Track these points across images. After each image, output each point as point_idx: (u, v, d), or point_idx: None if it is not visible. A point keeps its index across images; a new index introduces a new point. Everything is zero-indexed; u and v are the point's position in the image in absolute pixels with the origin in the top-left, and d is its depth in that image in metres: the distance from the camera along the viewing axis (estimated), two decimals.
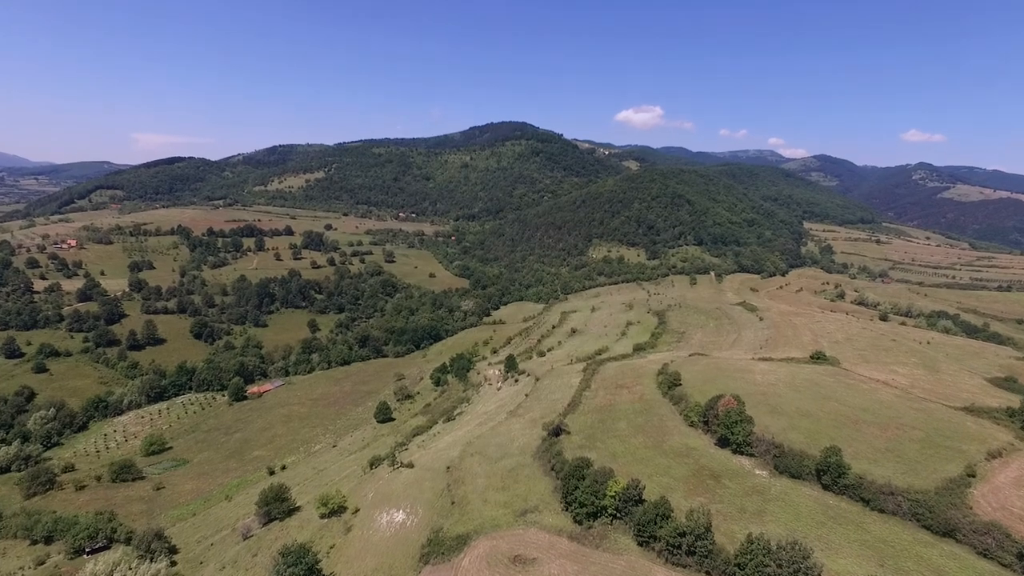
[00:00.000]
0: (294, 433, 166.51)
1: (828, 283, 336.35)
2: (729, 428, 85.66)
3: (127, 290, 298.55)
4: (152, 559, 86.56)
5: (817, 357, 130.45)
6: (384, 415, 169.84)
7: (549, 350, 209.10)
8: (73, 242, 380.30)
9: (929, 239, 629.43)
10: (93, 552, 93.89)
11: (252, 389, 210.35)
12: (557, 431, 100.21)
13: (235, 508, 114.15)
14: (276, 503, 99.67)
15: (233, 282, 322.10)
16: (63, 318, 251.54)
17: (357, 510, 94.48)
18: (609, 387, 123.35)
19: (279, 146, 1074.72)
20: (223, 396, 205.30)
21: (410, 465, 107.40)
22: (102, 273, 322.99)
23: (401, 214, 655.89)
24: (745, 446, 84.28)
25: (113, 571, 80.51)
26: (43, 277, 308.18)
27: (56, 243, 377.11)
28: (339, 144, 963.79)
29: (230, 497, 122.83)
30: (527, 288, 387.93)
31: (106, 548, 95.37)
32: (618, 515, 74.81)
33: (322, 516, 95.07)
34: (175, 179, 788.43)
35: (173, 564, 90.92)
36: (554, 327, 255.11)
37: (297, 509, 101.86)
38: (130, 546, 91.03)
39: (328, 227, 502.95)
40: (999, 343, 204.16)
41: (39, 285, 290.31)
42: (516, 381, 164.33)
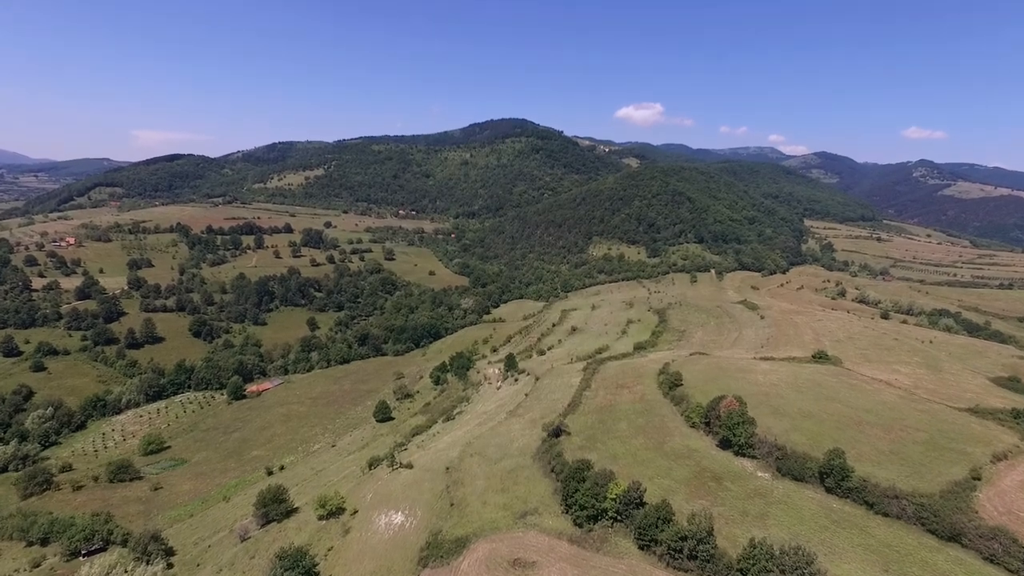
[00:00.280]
0: (293, 432, 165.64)
1: (829, 281, 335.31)
2: (731, 429, 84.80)
3: (126, 288, 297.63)
4: (148, 561, 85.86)
5: (819, 356, 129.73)
6: (383, 414, 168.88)
7: (549, 348, 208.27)
8: (72, 240, 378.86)
9: (930, 237, 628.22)
10: (89, 554, 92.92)
11: (251, 388, 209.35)
12: (557, 432, 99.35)
13: (233, 509, 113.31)
14: (274, 504, 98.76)
15: (232, 280, 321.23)
16: (61, 316, 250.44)
17: (356, 511, 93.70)
18: (610, 387, 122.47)
19: (279, 143, 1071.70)
20: (222, 395, 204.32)
21: (409, 466, 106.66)
22: (101, 271, 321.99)
23: (401, 211, 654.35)
24: (747, 448, 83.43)
25: (109, 574, 79.93)
26: (42, 275, 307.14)
27: (55, 241, 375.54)
28: (339, 141, 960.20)
29: (228, 498, 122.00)
30: (527, 286, 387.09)
31: (102, 550, 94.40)
32: (619, 518, 74.02)
33: (320, 518, 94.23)
34: (175, 176, 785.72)
35: (170, 566, 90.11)
36: (554, 325, 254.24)
37: (295, 510, 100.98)
38: (126, 548, 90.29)
39: (328, 225, 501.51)
40: (1001, 341, 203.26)
41: (38, 283, 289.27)
42: (516, 380, 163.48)
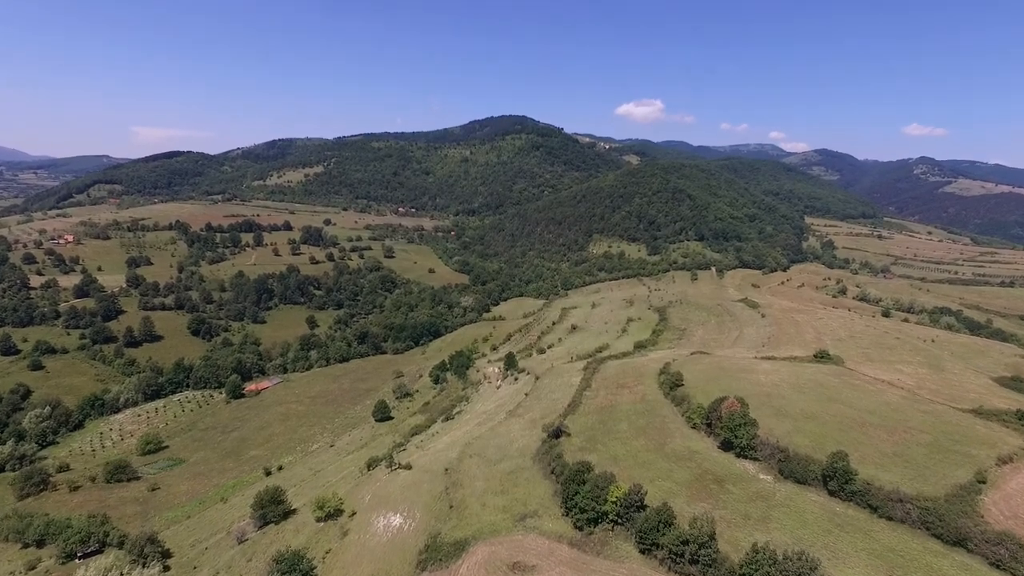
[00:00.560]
0: (291, 432, 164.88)
1: (830, 279, 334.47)
2: (733, 431, 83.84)
3: (124, 286, 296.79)
4: (145, 564, 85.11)
5: (821, 356, 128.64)
6: (382, 414, 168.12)
7: (549, 347, 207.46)
8: (70, 237, 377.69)
9: (931, 234, 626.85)
10: (85, 556, 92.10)
11: (250, 387, 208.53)
12: (557, 433, 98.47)
13: (230, 510, 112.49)
14: (272, 506, 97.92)
15: (231, 278, 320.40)
16: (59, 315, 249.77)
17: (354, 513, 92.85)
18: (610, 387, 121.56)
19: (278, 140, 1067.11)
20: (220, 394, 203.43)
21: (408, 467, 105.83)
22: (99, 269, 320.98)
23: (400, 209, 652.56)
24: (749, 450, 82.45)
25: None
26: (40, 273, 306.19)
27: (53, 239, 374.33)
28: (338, 138, 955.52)
29: (226, 499, 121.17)
30: (527, 284, 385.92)
31: (98, 552, 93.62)
32: (619, 521, 73.11)
33: (318, 519, 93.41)
34: (174, 173, 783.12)
35: (166, 569, 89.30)
36: (554, 323, 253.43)
37: (293, 512, 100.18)
38: (123, 550, 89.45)
39: (327, 222, 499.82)
40: (1002, 340, 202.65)
41: (36, 281, 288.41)
42: (516, 380, 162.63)
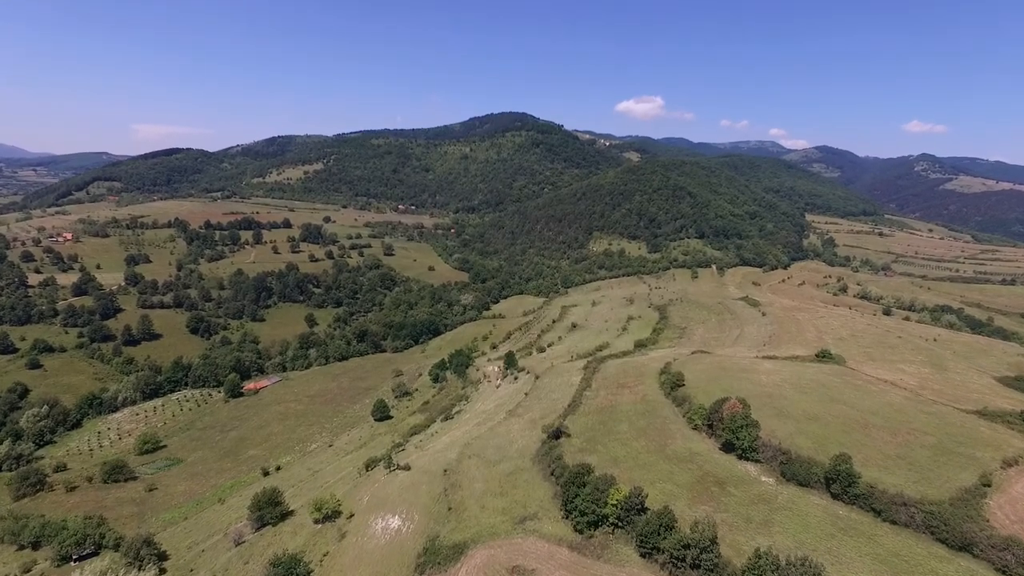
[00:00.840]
0: (290, 431, 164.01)
1: (830, 276, 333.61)
2: (734, 433, 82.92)
3: (123, 284, 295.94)
4: (141, 567, 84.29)
5: (823, 356, 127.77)
6: (382, 413, 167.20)
7: (549, 345, 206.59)
8: (69, 235, 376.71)
9: (932, 231, 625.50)
10: (80, 559, 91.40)
11: (248, 385, 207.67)
12: (557, 433, 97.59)
13: (228, 511, 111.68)
14: (269, 507, 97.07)
15: (230, 276, 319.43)
16: (58, 313, 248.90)
17: (352, 515, 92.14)
18: (610, 386, 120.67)
19: (278, 137, 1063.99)
20: (219, 392, 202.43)
21: (407, 467, 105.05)
22: (98, 267, 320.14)
23: (400, 206, 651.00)
24: (751, 452, 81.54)
25: None
26: (38, 271, 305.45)
27: (52, 236, 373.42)
28: (338, 135, 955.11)
29: (223, 499, 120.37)
30: (527, 281, 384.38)
31: (94, 555, 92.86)
32: (620, 524, 72.21)
33: (316, 521, 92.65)
34: (173, 171, 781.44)
35: (162, 572, 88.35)
36: (554, 322, 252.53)
37: (291, 513, 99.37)
38: (118, 553, 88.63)
39: (327, 219, 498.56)
40: (1004, 338, 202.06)
41: (34, 279, 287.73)
42: (515, 379, 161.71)
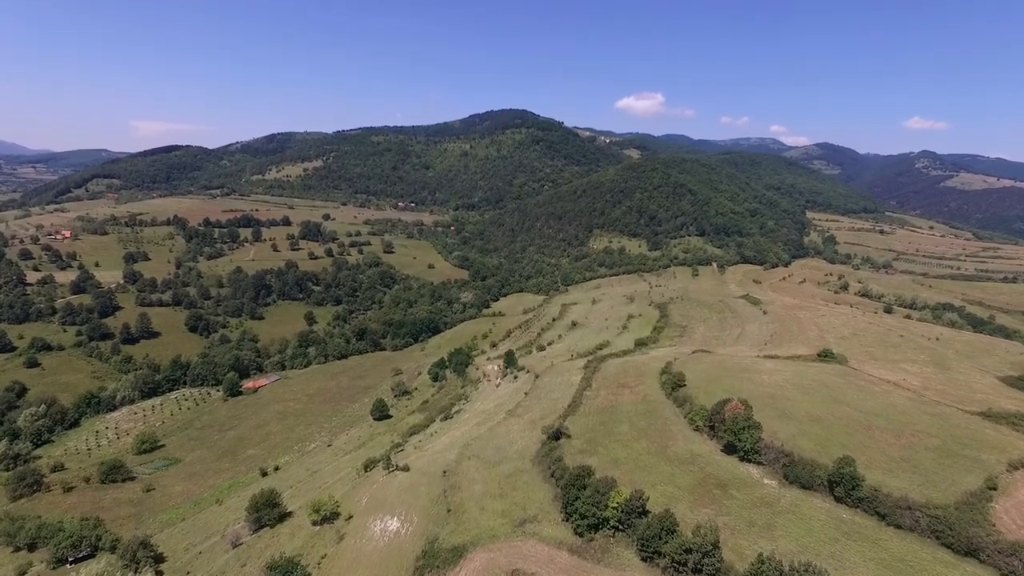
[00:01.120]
0: (289, 431, 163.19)
1: (831, 274, 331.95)
2: (736, 434, 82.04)
3: (121, 282, 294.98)
4: (137, 570, 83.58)
5: (824, 355, 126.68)
6: (381, 412, 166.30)
7: (549, 344, 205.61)
8: (68, 233, 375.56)
9: (933, 229, 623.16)
10: (77, 561, 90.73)
11: (247, 384, 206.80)
12: (557, 434, 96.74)
13: (226, 512, 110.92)
14: (267, 509, 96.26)
15: (229, 274, 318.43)
16: (56, 311, 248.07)
17: (350, 517, 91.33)
18: (611, 386, 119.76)
19: (277, 134, 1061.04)
20: (218, 391, 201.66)
21: (405, 468, 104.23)
22: (96, 265, 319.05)
23: (400, 203, 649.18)
24: (753, 454, 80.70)
25: None
26: (36, 269, 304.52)
27: (50, 234, 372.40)
28: (338, 132, 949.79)
29: (221, 500, 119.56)
30: (527, 279, 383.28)
31: (90, 557, 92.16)
32: (621, 527, 71.43)
33: (314, 523, 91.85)
34: (172, 168, 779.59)
35: (159, 574, 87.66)
36: (554, 320, 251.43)
37: (289, 515, 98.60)
38: (115, 555, 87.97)
39: (326, 217, 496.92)
40: (1006, 336, 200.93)
41: (32, 277, 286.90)
42: (515, 378, 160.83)
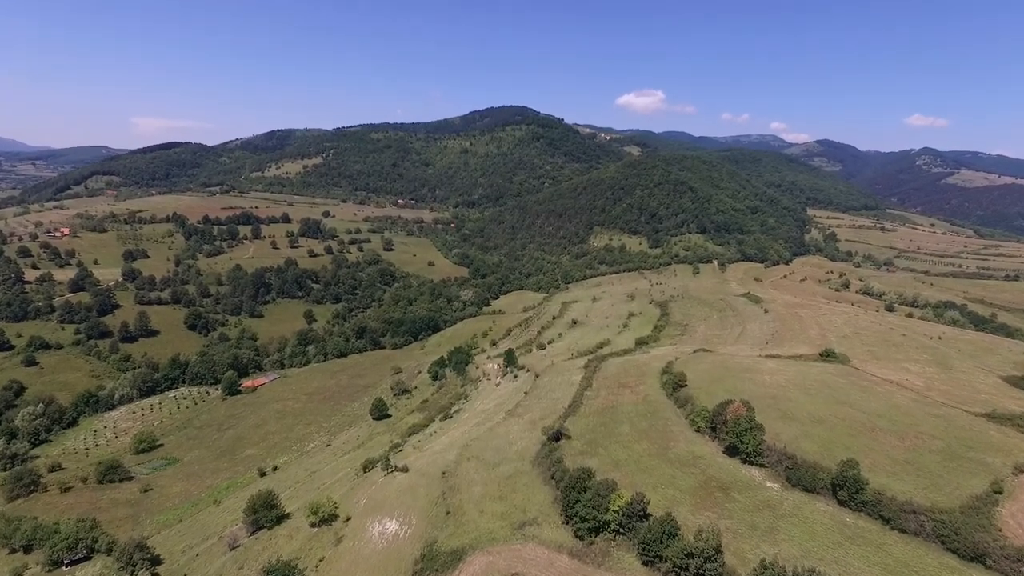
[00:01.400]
0: (288, 430, 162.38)
1: (832, 272, 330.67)
2: (738, 436, 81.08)
3: (120, 280, 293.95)
4: (133, 572, 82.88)
5: (827, 355, 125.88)
6: (380, 412, 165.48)
7: (549, 342, 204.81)
8: (66, 230, 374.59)
9: (934, 226, 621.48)
10: (72, 564, 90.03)
11: (246, 383, 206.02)
12: (557, 435, 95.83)
13: (223, 513, 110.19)
14: (265, 510, 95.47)
15: (228, 271, 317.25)
16: (54, 309, 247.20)
17: (349, 518, 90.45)
18: (611, 386, 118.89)
19: (277, 131, 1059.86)
20: (216, 390, 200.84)
21: (404, 469, 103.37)
22: (95, 262, 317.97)
23: (400, 200, 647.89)
24: (755, 456, 79.73)
25: None
26: (35, 267, 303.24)
27: (49, 231, 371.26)
28: (337, 129, 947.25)
29: (219, 501, 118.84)
30: (527, 277, 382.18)
31: (86, 559, 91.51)
32: (621, 531, 70.50)
33: (312, 525, 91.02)
34: (171, 165, 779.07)
35: None
36: (554, 318, 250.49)
37: (287, 516, 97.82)
38: (111, 557, 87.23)
39: (326, 214, 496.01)
40: (1008, 335, 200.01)
41: (31, 275, 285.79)
42: (515, 377, 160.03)
